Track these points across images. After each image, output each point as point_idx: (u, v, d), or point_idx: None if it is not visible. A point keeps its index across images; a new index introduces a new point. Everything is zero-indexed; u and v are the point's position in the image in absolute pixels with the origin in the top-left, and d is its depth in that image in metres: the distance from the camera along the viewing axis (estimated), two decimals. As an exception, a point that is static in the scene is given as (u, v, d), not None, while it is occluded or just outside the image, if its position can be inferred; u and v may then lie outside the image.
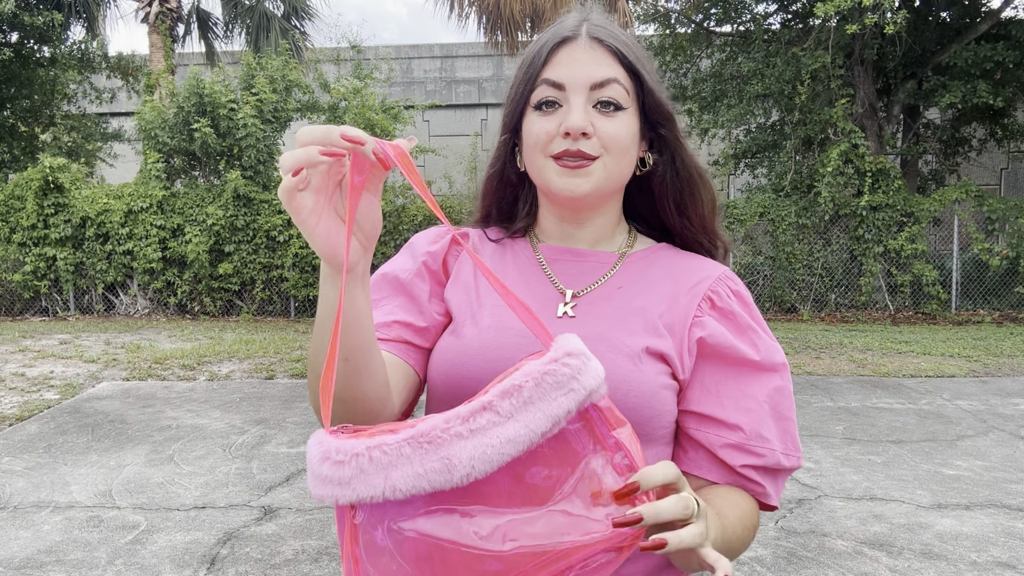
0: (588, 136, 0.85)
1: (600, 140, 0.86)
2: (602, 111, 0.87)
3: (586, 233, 0.96)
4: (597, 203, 0.92)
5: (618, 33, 0.90)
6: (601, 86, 0.86)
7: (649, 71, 0.90)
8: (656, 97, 0.90)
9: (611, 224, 0.97)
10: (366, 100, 10.66)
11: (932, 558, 3.10)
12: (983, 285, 10.89)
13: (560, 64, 0.88)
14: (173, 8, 12.31)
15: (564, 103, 0.87)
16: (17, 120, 13.09)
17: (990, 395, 5.98)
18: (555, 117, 0.87)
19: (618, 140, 0.87)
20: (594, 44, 0.88)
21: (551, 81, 0.87)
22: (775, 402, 0.87)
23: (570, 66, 0.87)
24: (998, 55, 10.17)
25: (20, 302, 11.32)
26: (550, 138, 0.87)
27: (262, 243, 10.89)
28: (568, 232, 0.96)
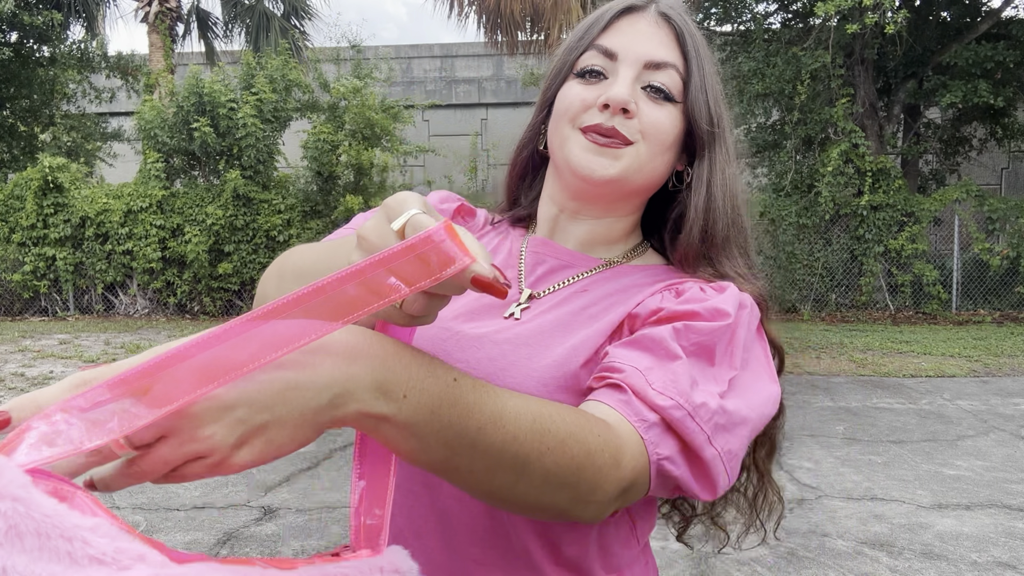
0: (629, 115, 0.75)
1: (641, 124, 0.76)
2: (650, 96, 0.77)
3: (582, 231, 0.84)
4: (614, 198, 0.80)
5: (689, 19, 0.81)
6: (657, 67, 0.77)
7: (704, 71, 0.79)
8: (707, 98, 0.79)
9: (620, 231, 0.84)
10: (366, 100, 10.66)
11: (932, 558, 3.09)
12: (983, 285, 10.89)
13: (619, 32, 0.79)
14: (173, 8, 12.31)
15: (611, 75, 0.78)
16: (17, 120, 13.10)
17: (990, 395, 5.98)
18: (597, 88, 0.77)
19: (660, 130, 0.77)
20: (661, 21, 0.79)
21: (603, 48, 0.78)
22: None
23: (630, 36, 0.78)
24: (998, 55, 10.17)
25: (20, 302, 11.32)
26: (585, 107, 0.77)
27: (262, 243, 10.89)
28: (562, 225, 0.85)
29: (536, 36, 11.16)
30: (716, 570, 2.99)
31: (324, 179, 10.84)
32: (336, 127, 10.70)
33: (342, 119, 10.75)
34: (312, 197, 10.96)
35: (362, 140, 10.71)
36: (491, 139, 16.52)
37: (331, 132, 10.56)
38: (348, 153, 10.41)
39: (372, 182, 10.90)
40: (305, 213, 10.96)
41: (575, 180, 0.78)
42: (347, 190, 10.86)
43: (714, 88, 0.80)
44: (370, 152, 10.48)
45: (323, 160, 10.52)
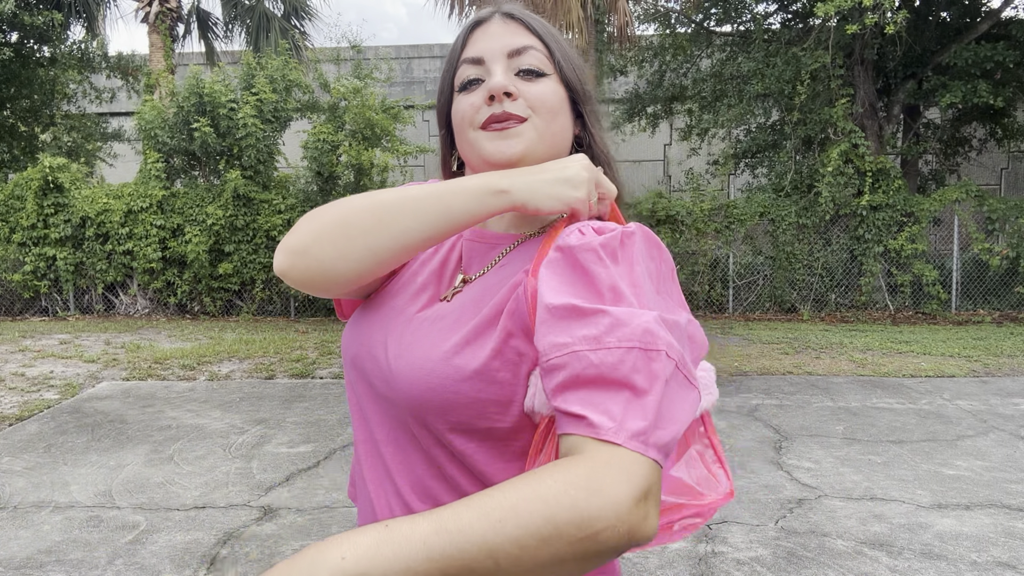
0: (513, 97, 0.83)
1: (527, 101, 0.84)
2: (525, 78, 0.85)
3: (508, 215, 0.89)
4: None
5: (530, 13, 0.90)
6: (519, 52, 0.85)
7: (561, 45, 0.89)
8: (571, 68, 0.88)
9: None
10: (366, 100, 10.66)
11: (932, 558, 3.09)
12: (983, 285, 10.89)
13: (477, 42, 0.87)
14: (173, 8, 12.31)
15: (486, 76, 0.85)
16: (17, 120, 13.09)
17: (990, 395, 5.98)
18: (480, 91, 0.85)
19: (544, 101, 0.84)
20: (507, 19, 0.88)
21: (470, 58, 0.87)
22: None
23: (487, 40, 0.87)
24: (998, 55, 10.17)
25: (20, 302, 11.32)
26: (475, 109, 0.85)
27: (262, 243, 10.89)
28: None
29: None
30: (716, 570, 2.99)
31: (324, 179, 10.84)
32: (336, 127, 10.70)
33: (342, 119, 10.75)
34: (312, 197, 10.95)
35: (362, 140, 10.71)
36: (491, 139, 16.51)
37: (331, 132, 10.56)
38: (348, 153, 10.41)
39: (372, 182, 10.90)
40: (305, 213, 10.94)
41: (492, 168, 0.83)
42: (347, 190, 10.86)
43: (574, 59, 0.89)
44: (370, 152, 10.48)
45: (323, 160, 10.52)
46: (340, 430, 5.03)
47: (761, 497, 3.78)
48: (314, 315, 11.16)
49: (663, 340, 0.64)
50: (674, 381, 0.64)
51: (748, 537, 3.31)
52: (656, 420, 0.61)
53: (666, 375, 0.63)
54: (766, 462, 4.33)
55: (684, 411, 0.65)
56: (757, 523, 3.46)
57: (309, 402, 5.83)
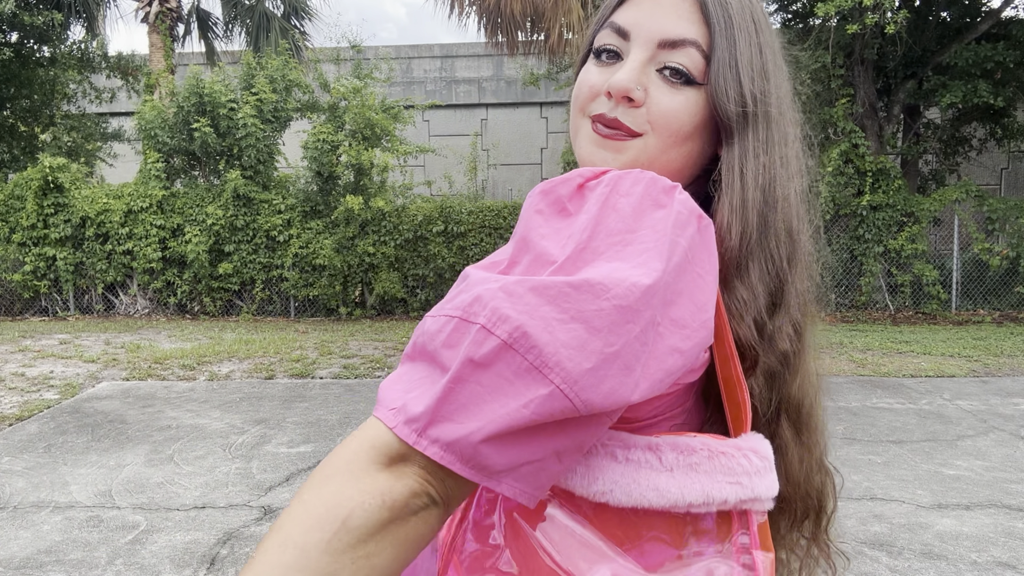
0: (634, 104, 0.67)
1: (649, 113, 0.67)
2: (668, 79, 0.68)
3: None
4: None
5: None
6: (673, 46, 0.67)
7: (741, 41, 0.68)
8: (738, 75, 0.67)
9: None
10: (366, 100, 10.66)
11: (932, 558, 3.09)
12: (983, 285, 10.89)
13: (635, 5, 0.70)
14: (173, 8, 12.31)
15: (624, 54, 0.70)
16: (17, 120, 13.09)
17: (990, 395, 5.98)
18: (608, 72, 0.70)
19: (671, 119, 0.67)
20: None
21: (616, 26, 0.70)
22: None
23: (647, 10, 0.69)
24: (998, 55, 10.17)
25: (20, 302, 11.32)
26: (592, 95, 0.70)
27: (262, 243, 10.89)
28: None
29: (536, 36, 11.16)
30: (716, 570, 2.99)
31: (324, 179, 10.84)
32: (336, 127, 10.70)
33: (342, 119, 10.75)
34: (312, 197, 10.96)
35: (362, 140, 10.71)
36: (491, 139, 16.51)
37: (331, 132, 10.56)
38: (348, 153, 10.41)
39: (372, 182, 10.90)
40: (305, 213, 10.96)
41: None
42: (347, 190, 10.86)
43: (751, 63, 0.68)
44: (370, 152, 10.48)
45: (323, 160, 10.52)
46: (340, 430, 5.03)
47: (761, 497, 3.78)
48: (314, 315, 11.16)
49: (490, 311, 0.50)
50: (500, 362, 0.49)
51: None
52: (440, 407, 0.49)
53: (476, 355, 0.49)
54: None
55: (505, 405, 0.49)
56: (757, 523, 3.46)
57: (309, 402, 5.83)
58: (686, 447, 0.60)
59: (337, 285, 10.81)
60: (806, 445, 0.73)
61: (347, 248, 10.72)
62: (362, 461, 0.50)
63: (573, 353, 0.49)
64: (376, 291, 10.85)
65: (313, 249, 10.74)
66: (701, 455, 0.60)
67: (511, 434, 0.49)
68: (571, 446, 0.53)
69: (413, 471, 0.51)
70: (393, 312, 11.22)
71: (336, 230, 10.74)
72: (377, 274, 10.84)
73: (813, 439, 0.74)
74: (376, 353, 7.91)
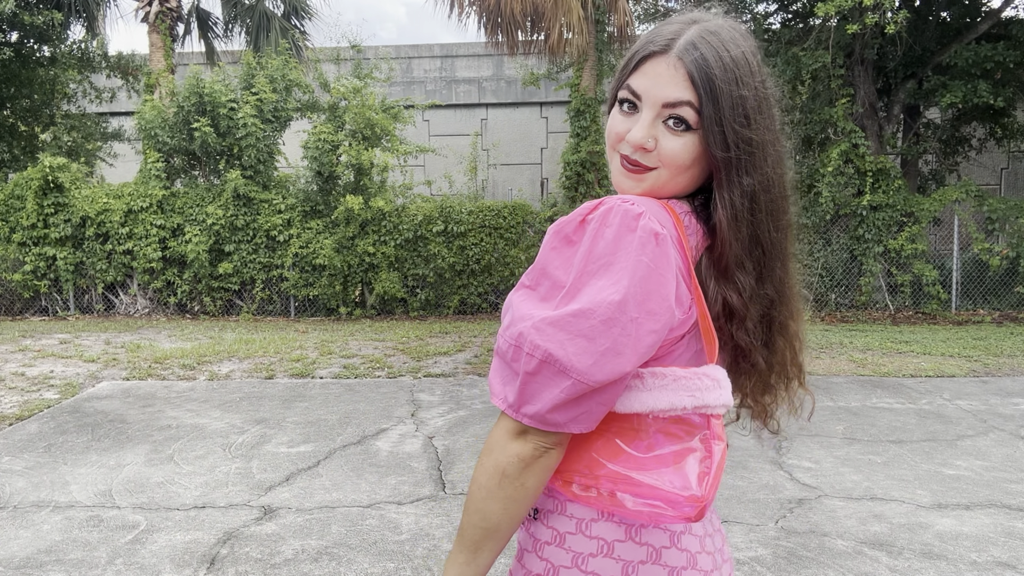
0: (647, 150, 0.96)
1: (659, 155, 0.96)
2: (671, 128, 0.95)
3: None
4: None
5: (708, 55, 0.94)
6: (673, 106, 0.94)
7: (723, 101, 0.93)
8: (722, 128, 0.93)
9: None
10: (366, 100, 10.66)
11: (932, 558, 3.09)
12: (983, 285, 10.89)
13: (643, 75, 0.97)
14: (173, 7, 12.30)
15: (641, 109, 0.97)
16: (17, 120, 13.09)
17: (990, 395, 5.98)
18: (629, 121, 0.98)
19: (675, 157, 0.95)
20: (678, 64, 0.94)
21: (631, 88, 0.98)
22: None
23: (651, 79, 0.96)
24: (998, 55, 10.17)
25: (20, 302, 11.32)
26: (619, 139, 0.99)
27: (262, 243, 10.89)
28: None
29: (536, 36, 11.16)
30: (716, 570, 2.99)
31: (324, 179, 10.85)
32: (336, 127, 10.70)
33: (342, 119, 10.75)
34: (312, 197, 10.96)
35: (362, 140, 10.71)
36: (491, 139, 16.51)
37: (331, 132, 10.57)
38: (348, 153, 10.41)
39: (372, 182, 10.90)
40: (305, 213, 10.96)
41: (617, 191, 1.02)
42: (347, 190, 10.86)
43: (732, 115, 0.93)
44: (370, 152, 10.48)
45: (323, 160, 10.52)
46: (340, 430, 5.03)
47: (761, 497, 3.78)
48: (314, 315, 11.16)
49: (529, 344, 0.88)
50: (542, 371, 0.88)
51: (748, 537, 3.31)
52: (521, 397, 0.90)
53: (528, 368, 0.88)
54: (766, 462, 4.33)
55: (551, 392, 0.88)
56: (757, 523, 3.46)
57: (309, 402, 5.83)
58: (659, 374, 0.94)
59: (337, 285, 10.81)
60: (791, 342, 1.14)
61: (347, 248, 10.72)
62: (504, 438, 0.92)
63: (580, 357, 0.87)
64: (376, 291, 10.85)
65: (313, 249, 10.74)
66: (668, 379, 0.93)
67: (562, 404, 0.88)
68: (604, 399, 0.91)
69: (531, 435, 0.91)
70: (393, 312, 11.22)
71: (336, 230, 10.74)
72: (377, 274, 10.84)
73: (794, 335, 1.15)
74: (376, 353, 7.91)
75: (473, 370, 7.00)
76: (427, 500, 3.76)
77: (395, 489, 3.92)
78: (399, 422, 5.22)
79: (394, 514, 3.58)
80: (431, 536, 3.32)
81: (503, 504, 0.92)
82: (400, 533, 3.36)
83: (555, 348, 0.86)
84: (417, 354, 7.80)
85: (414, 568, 3.02)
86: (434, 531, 3.38)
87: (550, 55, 11.12)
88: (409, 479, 4.07)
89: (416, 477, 4.10)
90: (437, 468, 4.26)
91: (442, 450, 4.59)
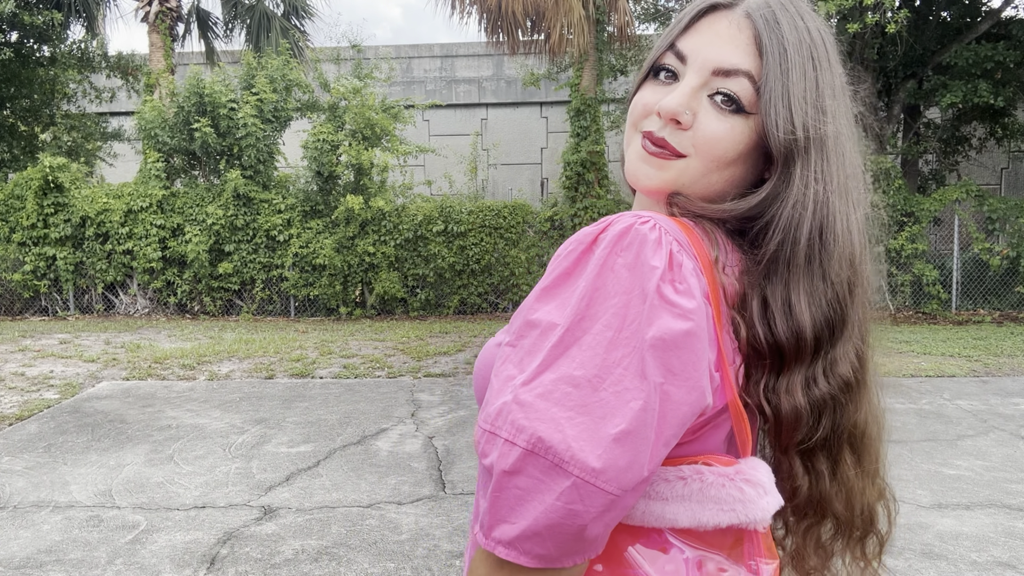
0: (681, 126, 0.72)
1: (695, 137, 0.72)
2: (718, 105, 0.72)
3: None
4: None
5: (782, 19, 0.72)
6: (727, 75, 0.72)
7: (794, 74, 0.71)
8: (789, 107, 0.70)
9: None
10: (366, 100, 10.66)
11: (932, 558, 3.09)
12: (983, 285, 10.89)
13: (697, 33, 0.75)
14: (173, 7, 12.30)
15: (680, 75, 0.75)
16: (17, 119, 13.09)
17: (990, 395, 5.98)
18: (663, 92, 0.75)
19: (714, 144, 0.71)
20: (744, 23, 0.73)
21: (677, 50, 0.75)
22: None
23: (706, 38, 0.74)
24: (999, 55, 10.17)
25: (20, 302, 11.32)
26: (646, 112, 0.75)
27: (262, 243, 10.89)
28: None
29: (537, 36, 11.16)
30: (716, 570, 2.99)
31: (324, 179, 10.85)
32: (336, 127, 10.71)
33: (342, 119, 10.75)
34: (312, 197, 10.96)
35: (362, 140, 10.71)
36: (491, 139, 16.51)
37: (331, 132, 10.57)
38: (348, 153, 10.41)
39: (372, 182, 10.90)
40: (305, 213, 10.96)
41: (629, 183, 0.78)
42: (347, 190, 10.87)
43: (804, 96, 0.71)
44: (370, 152, 10.48)
45: (323, 160, 10.52)
46: (340, 430, 5.03)
47: (761, 497, 3.78)
48: (314, 315, 11.16)
49: (510, 425, 0.60)
50: (526, 470, 0.59)
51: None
52: (493, 511, 0.61)
53: (506, 466, 0.59)
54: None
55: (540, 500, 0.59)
56: (757, 523, 3.46)
57: (309, 402, 5.83)
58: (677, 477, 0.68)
59: (337, 285, 10.81)
60: (867, 472, 0.77)
61: (347, 248, 10.72)
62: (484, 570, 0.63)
63: (585, 443, 0.59)
64: (376, 291, 10.85)
65: (313, 249, 10.74)
66: (692, 486, 0.67)
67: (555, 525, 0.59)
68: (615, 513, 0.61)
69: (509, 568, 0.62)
70: (393, 312, 11.22)
71: (336, 230, 10.74)
72: (377, 274, 10.84)
73: (873, 467, 0.78)
74: (376, 353, 7.91)
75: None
76: (427, 500, 3.76)
77: (395, 489, 3.92)
78: (399, 422, 5.22)
79: (394, 514, 3.58)
80: (431, 536, 3.32)
81: None
82: (400, 533, 3.36)
83: (546, 429, 0.59)
84: (417, 354, 7.80)
85: (414, 568, 3.02)
86: (434, 531, 3.38)
87: (550, 55, 11.12)
88: (409, 479, 4.07)
89: (416, 477, 4.10)
90: (437, 468, 4.26)
91: (442, 450, 4.59)
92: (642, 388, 0.60)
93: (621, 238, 0.65)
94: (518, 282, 11.08)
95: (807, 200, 0.71)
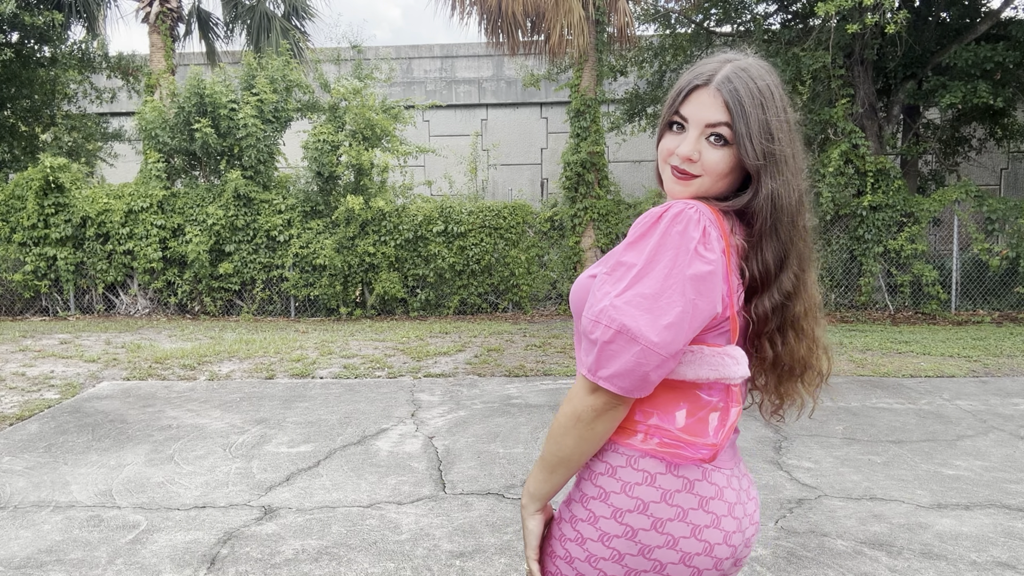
0: (693, 161, 1.21)
1: (702, 165, 1.21)
2: (712, 143, 1.20)
3: None
4: None
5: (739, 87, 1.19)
6: (713, 126, 1.20)
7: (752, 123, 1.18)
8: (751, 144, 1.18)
9: None
10: (366, 100, 10.66)
11: (932, 558, 3.10)
12: (983, 285, 10.89)
13: (690, 103, 1.22)
14: (173, 8, 12.31)
15: (686, 129, 1.23)
16: (17, 120, 13.09)
17: (990, 395, 5.98)
18: (678, 139, 1.23)
19: (715, 167, 1.20)
20: (716, 93, 1.20)
21: (681, 115, 1.24)
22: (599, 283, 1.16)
23: (696, 107, 1.21)
24: (998, 55, 10.17)
25: (20, 302, 11.33)
26: (670, 153, 1.24)
27: (262, 243, 10.90)
28: None
29: (537, 37, 11.16)
30: (715, 570, 2.99)
31: (324, 179, 10.85)
32: (336, 127, 10.71)
33: (342, 119, 10.76)
34: (312, 197, 10.97)
35: (362, 140, 10.72)
36: (491, 139, 16.52)
37: (331, 132, 10.57)
38: (348, 153, 10.42)
39: (372, 182, 10.91)
40: (305, 213, 10.97)
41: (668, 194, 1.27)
42: (347, 190, 10.87)
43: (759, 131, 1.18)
44: (370, 152, 10.49)
45: (323, 160, 10.53)
46: (340, 430, 5.03)
47: (761, 497, 3.78)
48: (314, 315, 11.17)
49: (607, 317, 1.09)
50: (616, 341, 1.08)
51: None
52: (598, 363, 1.11)
53: (604, 338, 1.09)
54: (766, 462, 4.33)
55: (623, 358, 1.08)
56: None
57: (309, 402, 5.83)
58: (695, 351, 1.18)
59: (337, 285, 10.82)
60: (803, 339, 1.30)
61: (347, 248, 10.72)
62: (582, 391, 1.15)
63: (649, 328, 1.08)
64: (376, 291, 10.86)
65: (313, 249, 10.75)
66: (698, 356, 1.18)
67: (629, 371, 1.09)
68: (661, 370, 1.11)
69: (602, 392, 1.13)
70: (393, 312, 11.23)
71: (336, 230, 10.75)
72: (377, 274, 10.85)
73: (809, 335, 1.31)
74: (376, 353, 7.91)
75: (473, 370, 7.00)
76: (427, 500, 3.76)
77: (395, 489, 3.92)
78: (399, 422, 5.23)
79: (394, 514, 3.58)
80: (431, 536, 3.33)
81: (575, 441, 1.16)
82: (400, 533, 3.36)
83: (629, 320, 1.07)
84: (417, 354, 7.80)
85: (414, 568, 3.02)
86: (434, 531, 3.38)
87: (550, 56, 11.12)
88: (409, 479, 4.07)
89: (416, 477, 4.10)
90: (437, 468, 4.26)
91: (442, 450, 4.59)
92: (682, 300, 1.09)
93: (677, 216, 1.13)
94: (518, 282, 11.08)
95: (770, 194, 1.20)
